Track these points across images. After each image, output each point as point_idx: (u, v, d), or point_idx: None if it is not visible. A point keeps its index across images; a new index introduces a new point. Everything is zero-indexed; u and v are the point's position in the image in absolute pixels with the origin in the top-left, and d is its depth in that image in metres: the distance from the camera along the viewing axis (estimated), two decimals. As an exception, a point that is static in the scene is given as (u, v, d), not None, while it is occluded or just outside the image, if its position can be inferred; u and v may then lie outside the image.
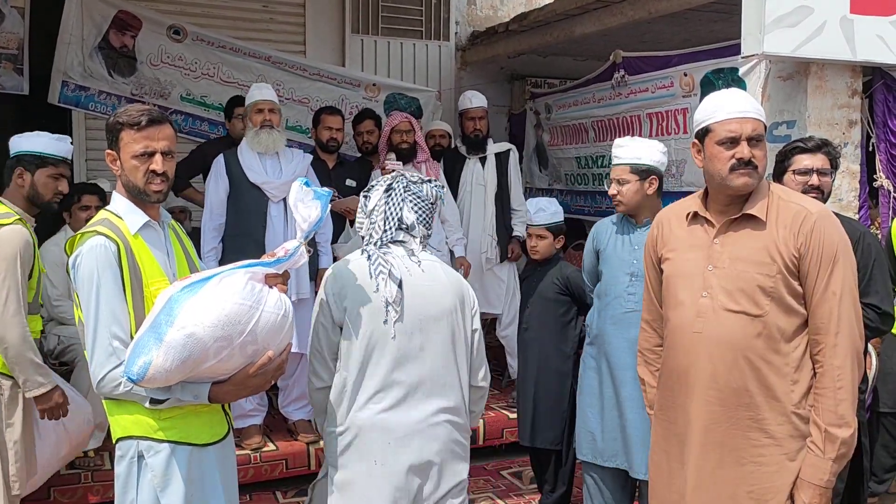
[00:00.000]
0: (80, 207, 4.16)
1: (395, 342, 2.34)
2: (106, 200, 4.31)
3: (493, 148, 5.30)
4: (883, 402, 3.76)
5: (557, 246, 3.82)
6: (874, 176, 3.99)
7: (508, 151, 5.33)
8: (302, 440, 4.33)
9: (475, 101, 5.30)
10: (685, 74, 4.52)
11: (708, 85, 4.30)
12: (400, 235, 2.47)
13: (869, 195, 4.03)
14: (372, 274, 2.37)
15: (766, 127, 2.22)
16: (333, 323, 2.34)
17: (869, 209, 4.03)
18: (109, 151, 2.20)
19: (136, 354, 1.96)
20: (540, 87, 6.83)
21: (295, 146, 5.09)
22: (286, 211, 4.21)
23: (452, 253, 5.03)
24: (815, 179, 3.00)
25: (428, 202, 2.51)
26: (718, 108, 2.22)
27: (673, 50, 4.86)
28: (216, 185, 4.35)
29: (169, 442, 2.12)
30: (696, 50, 4.58)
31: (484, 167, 5.24)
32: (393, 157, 4.77)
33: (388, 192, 2.51)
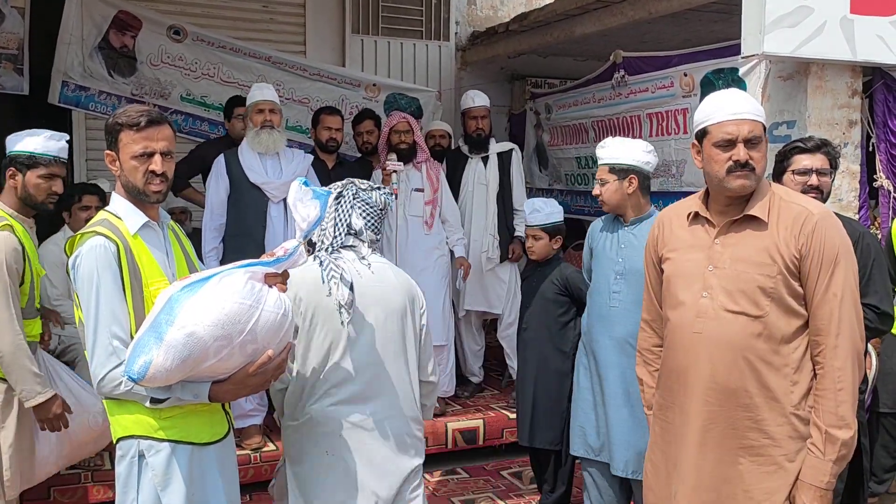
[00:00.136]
0: (80, 207, 4.15)
1: (348, 342, 2.48)
2: (106, 201, 4.31)
3: (495, 147, 5.30)
4: (883, 402, 3.75)
5: (555, 246, 3.82)
6: (874, 176, 3.99)
7: (511, 151, 5.32)
8: (302, 440, 4.33)
9: (478, 100, 5.28)
10: (685, 74, 4.52)
11: (708, 85, 4.30)
12: (350, 240, 2.60)
13: (869, 195, 4.03)
14: (324, 279, 2.49)
15: (765, 128, 2.21)
16: None
17: (869, 209, 4.03)
18: (109, 152, 2.21)
19: (136, 354, 1.97)
20: (540, 87, 6.83)
21: (295, 146, 5.10)
22: (286, 211, 4.21)
23: (453, 253, 5.03)
24: (814, 179, 3.00)
25: (376, 208, 2.63)
26: (715, 109, 2.21)
27: (673, 50, 4.86)
28: (216, 185, 4.35)
29: (169, 441, 2.13)
30: (696, 50, 4.58)
31: (486, 167, 5.23)
32: (394, 157, 4.76)
33: (337, 199, 2.63)
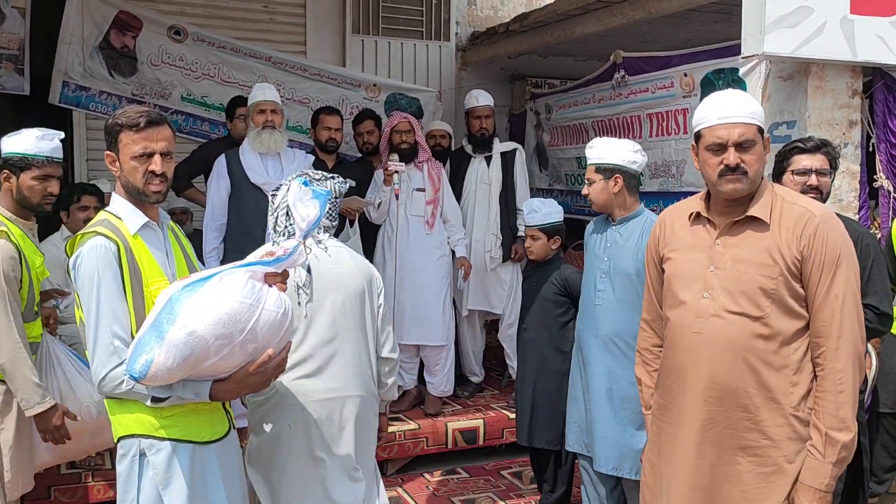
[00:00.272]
0: (78, 207, 4.11)
1: (307, 321, 2.64)
2: (104, 202, 4.30)
3: (499, 147, 5.28)
4: (882, 402, 3.75)
5: (553, 247, 3.81)
6: (874, 176, 3.98)
7: (515, 151, 5.30)
8: (302, 440, 4.33)
9: (481, 99, 5.26)
10: (685, 75, 4.51)
11: (708, 85, 4.30)
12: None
13: (869, 195, 4.02)
14: None
15: (760, 129, 2.19)
16: None
17: (869, 209, 4.03)
18: (108, 153, 2.22)
19: (137, 353, 1.98)
20: (540, 87, 6.83)
21: (296, 146, 5.10)
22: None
23: (454, 253, 5.01)
24: (813, 180, 3.00)
25: (331, 197, 2.78)
26: (709, 113, 2.21)
27: (673, 50, 4.85)
28: (217, 185, 4.36)
29: (170, 440, 2.14)
30: (696, 50, 4.57)
31: (489, 166, 5.22)
32: (396, 157, 4.75)
33: (290, 190, 2.74)
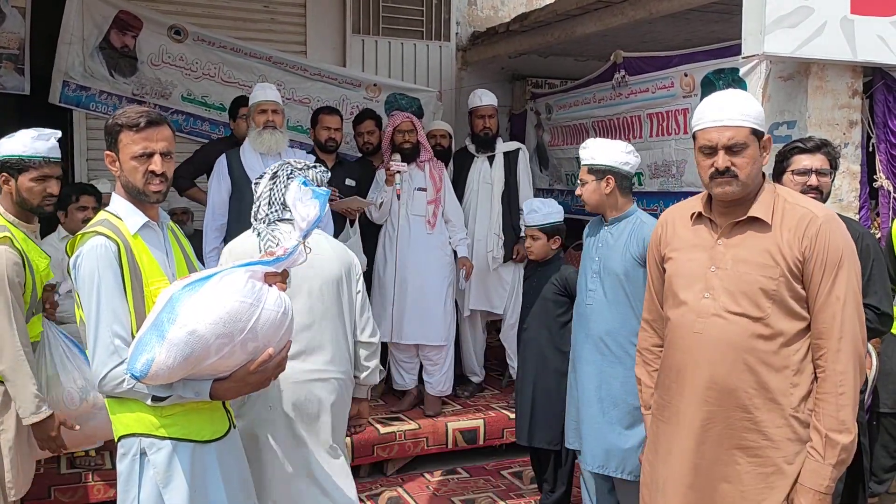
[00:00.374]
0: (77, 208, 4.09)
1: None
2: (101, 202, 4.30)
3: (502, 147, 5.26)
4: (883, 402, 3.75)
5: (553, 247, 3.81)
6: (874, 176, 3.98)
7: (518, 151, 5.28)
8: (302, 440, 4.33)
9: (485, 99, 5.24)
10: (686, 75, 4.51)
11: (708, 85, 4.30)
12: (286, 215, 2.78)
13: (870, 195, 4.02)
14: (261, 248, 2.72)
15: (755, 131, 2.16)
16: None
17: (870, 210, 4.03)
18: (108, 153, 2.22)
19: (138, 352, 1.98)
20: (540, 87, 6.83)
21: (296, 146, 5.10)
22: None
23: (456, 253, 4.99)
24: (813, 180, 3.00)
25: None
26: (702, 115, 2.21)
27: (673, 50, 4.86)
28: (218, 185, 4.36)
29: (171, 439, 2.14)
30: (696, 50, 4.57)
31: (492, 166, 5.19)
32: (398, 157, 4.74)
33: (273, 179, 2.87)
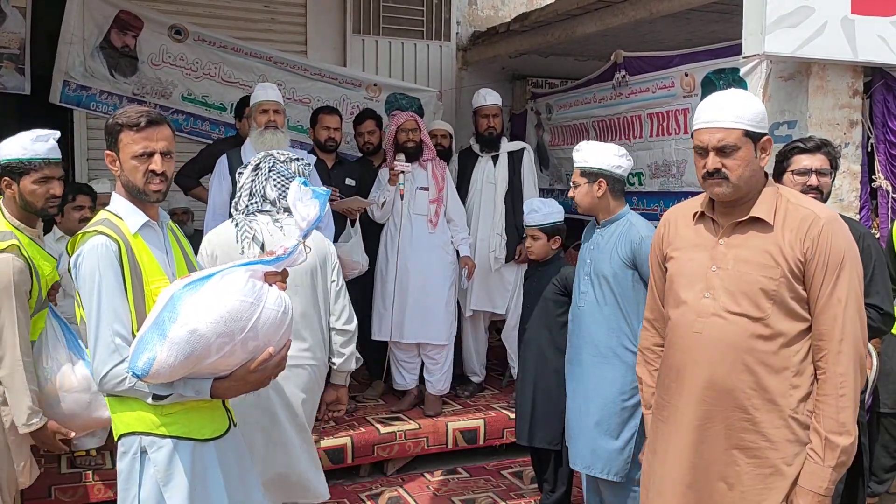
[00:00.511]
0: (73, 207, 4.08)
1: None
2: (96, 201, 4.30)
3: (506, 146, 5.22)
4: (883, 402, 3.75)
5: (553, 247, 3.81)
6: (873, 177, 3.98)
7: (523, 150, 5.23)
8: (303, 440, 4.33)
9: (489, 98, 5.20)
10: (686, 74, 4.51)
11: (709, 85, 4.30)
12: (266, 206, 2.92)
13: (870, 195, 4.02)
14: (238, 238, 2.84)
15: (749, 133, 2.15)
16: None
17: (870, 209, 4.02)
18: (109, 152, 2.23)
19: (140, 350, 1.99)
20: (541, 87, 6.83)
21: (296, 146, 5.09)
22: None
23: (458, 253, 4.96)
24: (813, 180, 2.99)
25: (292, 179, 2.92)
26: (698, 116, 2.22)
27: (674, 50, 4.86)
28: (219, 185, 4.35)
29: (172, 437, 2.14)
30: (697, 50, 4.57)
31: (496, 165, 5.16)
32: (402, 157, 4.72)
33: (255, 171, 2.95)
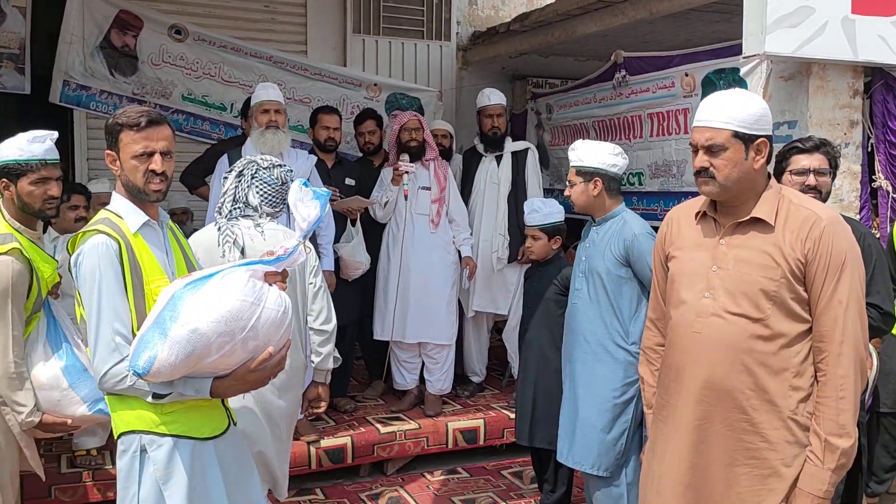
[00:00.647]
0: (68, 207, 4.06)
1: None
2: (91, 201, 4.29)
3: (510, 146, 5.19)
4: (883, 402, 3.75)
5: (554, 247, 3.81)
6: (873, 177, 3.98)
7: (527, 150, 5.20)
8: (303, 440, 4.33)
9: (493, 98, 5.17)
10: (686, 74, 4.52)
11: (709, 85, 4.30)
12: (248, 212, 3.02)
13: (871, 195, 4.02)
14: (219, 242, 2.94)
15: (740, 134, 2.13)
16: None
17: (870, 209, 4.02)
18: (109, 152, 2.23)
19: (140, 349, 2.00)
20: (541, 87, 6.83)
21: (297, 146, 5.09)
22: (288, 211, 4.20)
23: (460, 253, 4.94)
24: (811, 180, 2.99)
25: (275, 185, 3.04)
26: (696, 114, 2.24)
27: (674, 50, 4.86)
28: (220, 185, 4.34)
29: (171, 436, 2.15)
30: (697, 50, 4.58)
31: (499, 165, 5.14)
32: (406, 158, 4.71)
33: (238, 177, 3.05)
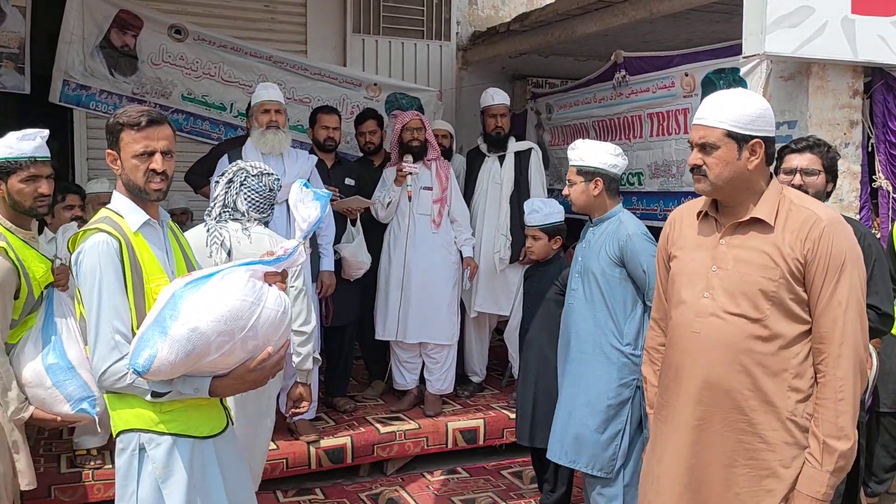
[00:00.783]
0: (64, 207, 4.06)
1: None
2: (85, 200, 4.28)
3: (513, 146, 5.16)
4: (882, 402, 3.75)
5: (554, 247, 3.81)
6: (873, 177, 3.98)
7: (530, 150, 5.17)
8: (302, 440, 4.33)
9: (497, 97, 5.15)
10: (686, 74, 4.52)
11: (709, 85, 4.30)
12: (237, 215, 3.16)
13: (871, 195, 4.02)
14: (207, 243, 3.04)
15: (733, 134, 2.13)
16: None
17: (870, 209, 4.02)
18: (110, 151, 2.24)
19: (140, 347, 2.01)
20: (541, 87, 6.83)
21: (297, 146, 5.09)
22: (288, 212, 4.20)
23: (462, 253, 4.92)
24: (797, 179, 2.99)
25: (263, 192, 3.20)
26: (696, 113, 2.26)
27: (674, 50, 4.86)
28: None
29: (170, 434, 2.15)
30: (697, 50, 4.58)
31: (502, 166, 5.12)
32: (410, 159, 4.70)
33: (228, 184, 3.19)
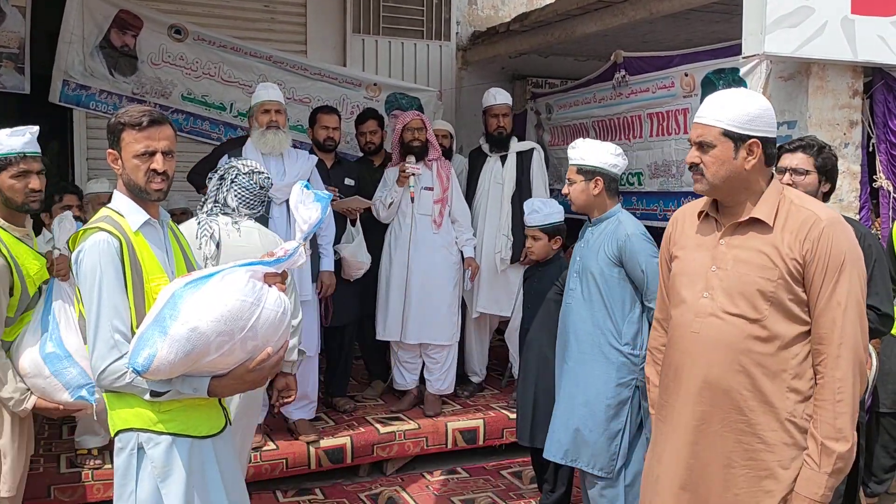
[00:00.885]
0: (61, 207, 4.06)
1: None
2: (83, 200, 4.27)
3: (515, 146, 5.15)
4: (882, 402, 3.75)
5: (554, 247, 3.81)
6: (874, 177, 3.98)
7: (532, 150, 5.15)
8: (302, 440, 4.33)
9: (499, 97, 5.14)
10: (686, 74, 4.52)
11: (709, 85, 4.30)
12: (227, 211, 3.25)
13: (870, 195, 4.02)
14: (197, 235, 3.12)
15: (725, 133, 2.13)
16: None
17: (870, 210, 4.03)
18: (111, 151, 2.25)
19: (140, 347, 2.01)
20: (541, 87, 6.83)
21: (297, 146, 5.09)
22: (288, 212, 4.20)
23: (462, 253, 4.91)
24: (787, 178, 3.00)
25: (253, 190, 3.27)
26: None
27: (674, 50, 4.86)
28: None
29: (169, 434, 2.15)
30: (697, 50, 4.58)
31: (504, 165, 5.10)
32: (412, 160, 4.70)
33: (220, 180, 3.28)
